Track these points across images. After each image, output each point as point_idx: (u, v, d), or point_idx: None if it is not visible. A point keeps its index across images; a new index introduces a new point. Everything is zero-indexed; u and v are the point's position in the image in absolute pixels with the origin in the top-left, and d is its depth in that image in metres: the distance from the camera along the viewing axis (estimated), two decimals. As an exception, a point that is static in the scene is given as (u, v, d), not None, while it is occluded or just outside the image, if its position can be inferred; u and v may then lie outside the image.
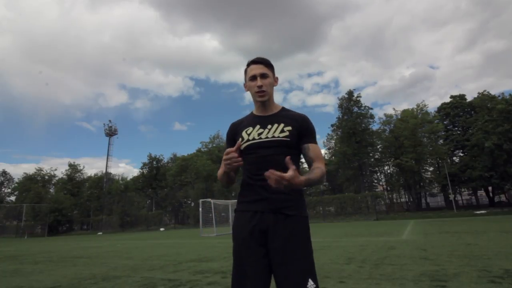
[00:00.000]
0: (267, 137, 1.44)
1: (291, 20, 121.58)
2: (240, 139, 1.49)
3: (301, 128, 1.47)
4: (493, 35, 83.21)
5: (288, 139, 1.43)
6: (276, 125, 1.47)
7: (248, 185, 1.46)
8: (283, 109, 1.57)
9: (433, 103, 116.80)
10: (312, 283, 1.28)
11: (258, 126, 1.49)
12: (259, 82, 1.47)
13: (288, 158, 1.19)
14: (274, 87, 1.57)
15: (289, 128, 1.45)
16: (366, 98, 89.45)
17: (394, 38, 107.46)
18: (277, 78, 1.60)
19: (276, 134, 1.44)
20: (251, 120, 1.54)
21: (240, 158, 1.34)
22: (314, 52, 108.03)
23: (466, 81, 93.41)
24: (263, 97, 1.49)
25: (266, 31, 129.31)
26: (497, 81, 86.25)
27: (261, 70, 1.48)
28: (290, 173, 1.14)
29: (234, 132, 1.57)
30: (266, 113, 1.53)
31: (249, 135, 1.48)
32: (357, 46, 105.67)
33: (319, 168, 1.38)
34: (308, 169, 1.47)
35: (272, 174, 1.13)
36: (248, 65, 1.53)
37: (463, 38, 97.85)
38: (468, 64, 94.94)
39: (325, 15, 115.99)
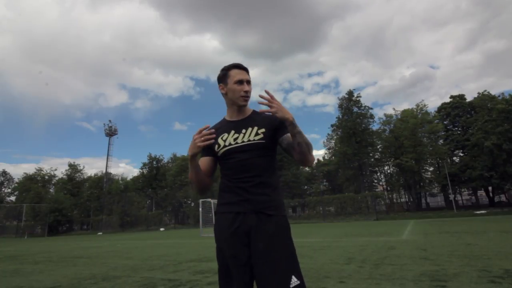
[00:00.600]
0: (243, 141, 1.47)
1: (291, 20, 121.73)
2: (217, 146, 1.52)
3: (273, 124, 1.50)
4: (493, 35, 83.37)
5: (263, 141, 1.47)
6: (250, 128, 1.50)
7: (228, 188, 1.48)
8: (254, 112, 1.60)
9: (433, 103, 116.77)
10: (295, 279, 1.29)
11: (233, 132, 1.51)
12: (246, 87, 1.51)
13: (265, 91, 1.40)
14: None
15: (263, 130, 1.48)
16: (367, 98, 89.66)
17: (394, 38, 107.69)
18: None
19: (251, 138, 1.47)
20: (226, 126, 1.56)
21: (214, 135, 1.43)
22: (314, 52, 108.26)
23: (466, 81, 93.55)
24: (246, 102, 1.54)
25: (267, 31, 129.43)
26: (497, 81, 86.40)
27: (247, 76, 1.53)
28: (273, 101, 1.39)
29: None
30: (239, 117, 1.56)
31: (225, 141, 1.50)
32: (357, 46, 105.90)
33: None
34: (290, 155, 1.48)
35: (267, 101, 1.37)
36: (230, 68, 1.54)
37: (463, 38, 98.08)
38: (468, 64, 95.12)
39: (325, 15, 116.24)
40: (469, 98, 39.34)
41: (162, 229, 34.67)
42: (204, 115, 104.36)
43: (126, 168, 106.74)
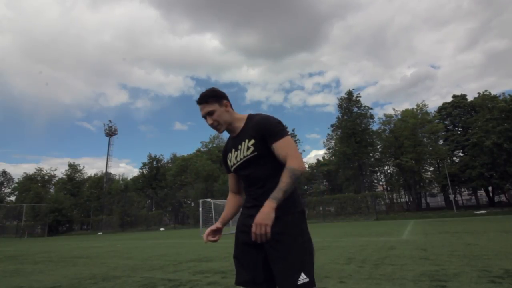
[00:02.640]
0: (240, 159, 1.53)
1: (292, 20, 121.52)
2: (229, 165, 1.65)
3: (261, 132, 1.46)
4: (494, 34, 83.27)
5: (255, 153, 1.47)
6: (243, 143, 1.52)
7: (246, 196, 1.64)
8: (248, 119, 1.58)
9: (434, 103, 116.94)
10: (304, 276, 1.31)
11: (233, 150, 1.59)
12: (208, 121, 1.57)
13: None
14: (228, 111, 1.58)
15: (252, 141, 1.48)
16: (367, 98, 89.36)
17: (395, 37, 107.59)
18: (226, 102, 1.58)
19: (245, 153, 1.50)
20: (229, 145, 1.65)
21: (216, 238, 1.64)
22: (315, 51, 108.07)
23: (467, 80, 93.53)
24: (219, 131, 1.59)
25: (267, 31, 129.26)
26: (498, 80, 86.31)
27: (205, 110, 1.55)
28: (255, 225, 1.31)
29: (224, 158, 1.71)
30: (234, 133, 1.61)
31: (230, 161, 1.62)
32: (358, 45, 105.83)
33: (286, 171, 1.37)
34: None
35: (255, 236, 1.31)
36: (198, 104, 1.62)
37: (464, 37, 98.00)
38: (469, 63, 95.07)
39: (326, 14, 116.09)
40: (470, 98, 39.41)
41: (162, 229, 34.69)
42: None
43: (126, 168, 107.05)
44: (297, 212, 1.45)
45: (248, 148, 1.49)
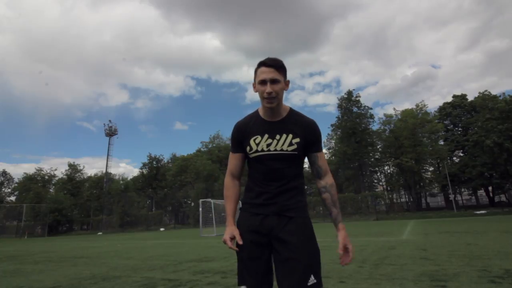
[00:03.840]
0: (275, 150, 1.43)
1: (293, 19, 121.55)
2: (248, 148, 1.50)
3: (309, 137, 1.47)
4: (496, 34, 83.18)
5: (296, 152, 1.44)
6: (284, 135, 1.44)
7: (254, 191, 1.50)
8: (291, 112, 1.51)
9: (435, 103, 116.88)
10: (313, 279, 1.31)
11: (266, 136, 1.45)
12: (268, 88, 1.39)
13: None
14: (285, 91, 1.48)
15: (297, 140, 1.44)
16: (368, 97, 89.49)
17: (396, 37, 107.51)
18: (288, 81, 1.49)
19: (285, 148, 1.43)
20: (259, 126, 1.48)
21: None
22: (316, 51, 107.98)
23: (468, 80, 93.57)
24: (271, 104, 1.42)
25: (268, 30, 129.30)
26: (499, 80, 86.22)
27: (272, 74, 1.39)
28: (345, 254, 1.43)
29: (241, 136, 1.51)
30: (274, 118, 1.48)
31: (257, 145, 1.46)
32: (359, 45, 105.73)
33: (334, 188, 1.52)
34: (313, 174, 1.53)
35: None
36: (259, 65, 1.44)
37: (465, 37, 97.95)
38: (470, 63, 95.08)
39: (327, 14, 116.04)
40: (470, 97, 39.40)
41: (162, 229, 34.69)
42: (205, 114, 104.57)
43: (127, 168, 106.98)
44: (307, 216, 1.48)
45: (291, 144, 1.43)
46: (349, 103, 38.60)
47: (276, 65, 1.41)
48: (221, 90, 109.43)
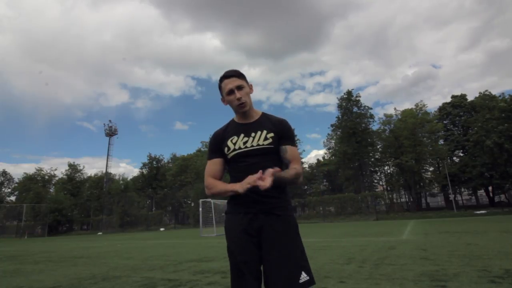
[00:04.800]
0: (252, 146, 1.50)
1: (293, 19, 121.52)
2: (226, 148, 1.55)
3: (281, 132, 1.54)
4: (497, 34, 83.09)
5: (272, 146, 1.51)
6: (259, 132, 1.53)
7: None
8: (264, 115, 1.62)
9: (436, 103, 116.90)
10: (305, 275, 1.34)
11: (242, 135, 1.53)
12: (237, 94, 1.51)
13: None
14: (251, 95, 1.60)
15: (271, 134, 1.52)
16: (368, 97, 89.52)
17: (397, 37, 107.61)
18: (251, 85, 1.61)
19: (261, 142, 1.50)
20: (235, 129, 1.58)
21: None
22: (316, 51, 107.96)
23: (469, 80, 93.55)
24: (244, 108, 1.54)
25: (268, 30, 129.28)
26: (500, 80, 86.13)
27: (236, 83, 1.52)
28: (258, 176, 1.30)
29: (219, 141, 1.59)
30: (248, 120, 1.58)
31: (234, 144, 1.53)
32: (360, 45, 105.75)
33: (294, 169, 1.47)
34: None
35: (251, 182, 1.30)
36: (221, 80, 1.56)
37: (466, 36, 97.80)
38: (471, 63, 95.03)
39: (328, 13, 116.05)
40: (471, 97, 39.40)
41: (162, 229, 34.69)
42: (205, 114, 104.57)
43: (127, 168, 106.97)
44: (292, 214, 1.52)
45: (267, 138, 1.51)
46: (349, 103, 38.60)
47: (235, 74, 1.55)
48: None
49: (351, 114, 38.04)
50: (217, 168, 1.58)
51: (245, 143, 1.51)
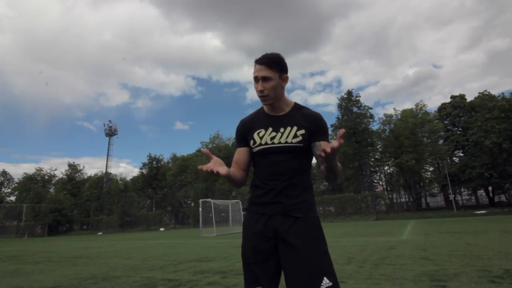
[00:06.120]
0: (280, 142, 1.40)
1: (294, 19, 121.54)
2: (252, 141, 1.46)
3: (314, 128, 1.42)
4: (498, 33, 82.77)
5: (301, 144, 1.40)
6: (289, 128, 1.42)
7: (259, 187, 1.44)
8: (296, 106, 1.50)
9: (436, 102, 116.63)
10: (327, 281, 1.24)
11: (270, 129, 1.43)
12: (259, 86, 1.39)
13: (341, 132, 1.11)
14: (283, 87, 1.46)
15: (302, 131, 1.40)
16: (369, 97, 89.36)
17: (397, 36, 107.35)
18: (286, 76, 1.45)
19: (289, 140, 1.39)
20: (263, 121, 1.47)
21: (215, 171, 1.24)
22: (317, 50, 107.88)
23: (469, 80, 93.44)
24: (265, 101, 1.43)
25: (269, 30, 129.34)
26: (500, 80, 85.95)
27: (263, 72, 1.39)
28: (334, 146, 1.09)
29: (246, 131, 1.50)
30: (277, 113, 1.47)
31: (261, 138, 1.43)
32: (360, 44, 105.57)
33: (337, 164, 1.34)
34: (317, 165, 1.42)
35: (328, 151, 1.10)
36: (255, 63, 1.43)
37: (467, 36, 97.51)
38: (472, 63, 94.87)
39: (329, 13, 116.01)
40: (471, 97, 39.39)
41: (162, 229, 34.68)
42: (205, 114, 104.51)
43: (127, 168, 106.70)
44: (316, 216, 1.42)
45: (296, 136, 1.39)
46: (349, 103, 38.60)
47: (267, 62, 1.40)
48: (222, 89, 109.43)
49: (351, 114, 38.03)
50: (243, 158, 1.49)
51: (272, 138, 1.41)
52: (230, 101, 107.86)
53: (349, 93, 38.98)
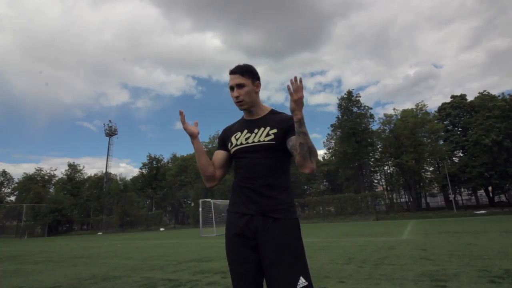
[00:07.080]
0: (253, 142, 1.48)
1: (294, 18, 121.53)
2: (230, 144, 1.57)
3: (287, 127, 1.46)
4: (498, 33, 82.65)
5: (274, 142, 1.45)
6: (262, 128, 1.50)
7: (238, 188, 1.50)
8: (272, 111, 1.59)
9: (437, 102, 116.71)
10: (303, 280, 1.30)
11: (245, 131, 1.53)
12: (235, 93, 1.51)
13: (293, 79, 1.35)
14: (257, 92, 1.56)
15: (274, 130, 1.47)
16: (369, 97, 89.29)
17: (398, 36, 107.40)
18: (258, 83, 1.56)
19: (262, 138, 1.47)
20: (240, 125, 1.59)
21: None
22: (317, 50, 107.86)
23: (470, 80, 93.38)
24: (241, 106, 1.54)
25: (269, 30, 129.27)
26: (501, 80, 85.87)
27: (237, 80, 1.50)
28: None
29: (225, 136, 1.62)
30: (254, 117, 1.57)
31: (237, 140, 1.53)
32: (361, 44, 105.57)
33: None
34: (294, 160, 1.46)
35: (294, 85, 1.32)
36: (229, 74, 1.55)
37: (468, 36, 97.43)
38: (472, 63, 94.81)
39: (329, 13, 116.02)
40: (472, 97, 39.37)
41: (162, 229, 34.68)
42: (206, 114, 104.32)
43: (127, 168, 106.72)
44: (295, 218, 1.45)
45: (268, 135, 1.47)
46: (349, 103, 38.59)
47: (240, 71, 1.52)
48: (222, 89, 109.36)
49: (351, 114, 38.02)
50: (216, 156, 1.60)
51: (247, 139, 1.50)
52: (230, 101, 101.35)
53: (349, 93, 38.98)
